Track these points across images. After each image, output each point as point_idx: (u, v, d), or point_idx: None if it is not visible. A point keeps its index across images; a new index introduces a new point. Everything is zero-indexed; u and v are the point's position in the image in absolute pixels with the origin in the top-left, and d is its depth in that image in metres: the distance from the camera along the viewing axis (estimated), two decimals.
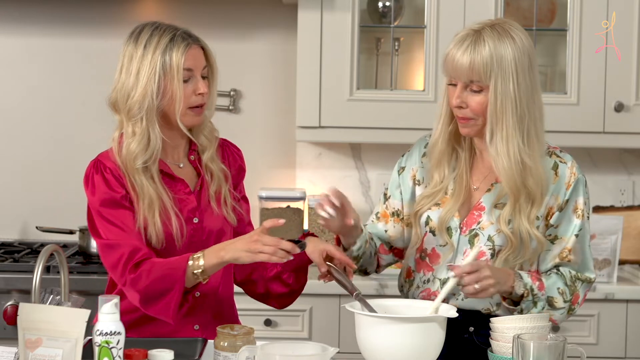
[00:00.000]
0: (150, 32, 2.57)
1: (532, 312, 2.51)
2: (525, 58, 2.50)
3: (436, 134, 2.61)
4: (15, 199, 4.12)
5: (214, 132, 2.70)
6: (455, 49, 2.50)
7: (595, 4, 3.76)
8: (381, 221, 2.72)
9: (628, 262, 3.91)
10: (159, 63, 2.54)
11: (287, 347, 2.18)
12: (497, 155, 2.50)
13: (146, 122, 2.56)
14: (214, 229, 2.64)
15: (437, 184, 2.61)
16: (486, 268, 2.42)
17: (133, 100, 2.57)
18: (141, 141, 2.57)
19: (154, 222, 2.55)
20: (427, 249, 2.62)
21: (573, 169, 2.59)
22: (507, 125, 2.48)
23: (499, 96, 2.47)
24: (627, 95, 3.79)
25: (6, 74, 4.10)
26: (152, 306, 2.48)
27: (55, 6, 4.07)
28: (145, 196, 2.55)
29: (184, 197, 2.62)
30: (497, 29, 2.50)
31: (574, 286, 2.58)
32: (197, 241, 2.61)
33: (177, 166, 2.66)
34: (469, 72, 2.48)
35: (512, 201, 2.52)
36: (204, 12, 4.04)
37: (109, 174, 2.58)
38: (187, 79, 2.57)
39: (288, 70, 4.07)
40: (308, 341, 2.88)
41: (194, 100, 2.58)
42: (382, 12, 3.89)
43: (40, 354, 2.14)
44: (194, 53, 2.57)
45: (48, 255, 2.32)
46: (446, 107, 2.58)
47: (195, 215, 2.62)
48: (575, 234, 2.58)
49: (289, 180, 4.12)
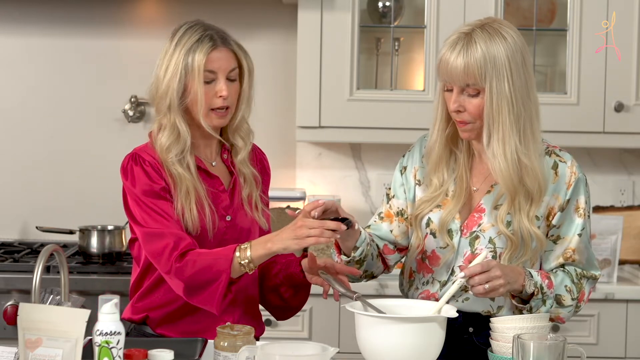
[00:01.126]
0: (184, 31, 2.60)
1: (541, 310, 2.50)
2: (518, 55, 2.49)
3: (433, 138, 2.60)
4: (15, 199, 4.12)
5: (250, 134, 2.71)
6: (448, 54, 2.48)
7: (595, 4, 3.76)
8: (385, 221, 2.71)
9: (628, 262, 3.91)
10: (182, 62, 2.56)
11: (287, 347, 2.18)
12: (493, 158, 2.50)
13: (173, 117, 2.58)
14: (245, 229, 2.66)
15: (436, 188, 2.60)
16: (496, 268, 2.41)
17: (159, 95, 2.60)
18: (171, 135, 2.59)
19: (190, 209, 2.56)
20: (427, 251, 2.62)
21: (573, 168, 2.58)
22: (503, 125, 2.47)
23: (495, 97, 2.46)
24: (627, 95, 3.79)
25: (6, 74, 4.10)
26: (196, 296, 2.49)
27: (55, 6, 4.07)
28: (183, 184, 2.57)
29: (219, 194, 2.64)
30: (487, 29, 2.49)
31: (580, 284, 2.58)
32: (229, 239, 2.61)
33: (210, 164, 2.67)
34: (464, 76, 2.46)
35: (509, 201, 2.52)
36: (204, 12, 4.03)
37: (148, 166, 2.59)
38: (209, 81, 2.57)
39: (288, 70, 4.07)
40: (308, 341, 2.88)
41: (215, 102, 2.58)
42: (382, 12, 3.89)
43: (40, 354, 2.14)
44: (219, 55, 2.58)
45: (48, 255, 2.31)
46: (441, 111, 2.57)
47: (228, 213, 2.64)
48: (578, 233, 2.57)
49: (289, 180, 4.12)
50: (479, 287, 2.40)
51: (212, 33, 2.59)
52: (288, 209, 3.92)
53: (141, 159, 2.60)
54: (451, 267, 2.58)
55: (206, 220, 2.58)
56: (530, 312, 2.50)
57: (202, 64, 2.55)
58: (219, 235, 2.61)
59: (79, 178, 4.11)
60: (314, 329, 3.63)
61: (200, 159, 2.64)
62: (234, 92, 2.62)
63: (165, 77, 2.57)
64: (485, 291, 2.40)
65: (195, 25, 2.62)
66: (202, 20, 2.66)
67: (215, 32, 2.61)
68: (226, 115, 2.62)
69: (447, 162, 2.60)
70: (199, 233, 2.58)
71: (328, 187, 4.11)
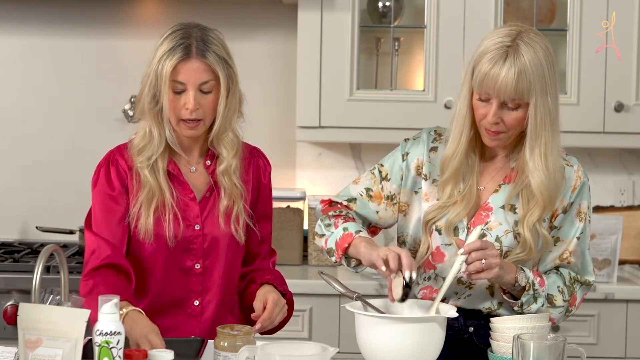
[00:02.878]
0: (167, 35, 2.57)
1: (532, 307, 2.50)
2: (553, 66, 2.47)
3: (453, 148, 2.54)
4: (15, 199, 4.12)
5: (236, 144, 2.63)
6: (497, 68, 2.41)
7: (595, 4, 3.76)
8: (374, 201, 2.66)
9: (628, 262, 3.91)
10: (154, 69, 2.55)
11: (287, 347, 2.18)
12: (535, 170, 2.48)
13: (147, 121, 2.58)
14: (219, 240, 2.64)
15: (450, 196, 2.56)
16: (493, 247, 2.42)
17: (137, 98, 2.61)
18: (144, 138, 2.59)
19: (147, 216, 2.57)
20: (432, 247, 2.60)
21: (579, 172, 2.58)
22: (546, 139, 2.46)
23: (540, 112, 2.44)
24: (627, 95, 3.79)
25: (6, 74, 4.10)
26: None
27: (55, 6, 4.07)
28: (146, 188, 2.57)
29: (188, 202, 2.62)
30: (527, 41, 2.44)
31: (572, 287, 2.58)
32: (198, 248, 2.62)
33: (189, 169, 2.65)
34: (513, 91, 2.41)
35: (542, 209, 2.50)
36: (204, 12, 4.03)
37: (114, 169, 2.61)
38: (179, 91, 2.54)
39: (288, 70, 4.07)
40: (308, 341, 2.88)
41: (183, 113, 2.55)
42: (382, 12, 3.89)
43: (40, 354, 2.14)
44: (189, 67, 2.53)
45: (48, 255, 2.31)
46: (468, 121, 2.51)
47: (197, 221, 2.62)
48: (577, 236, 2.57)
49: (289, 180, 4.12)
50: (476, 263, 2.39)
51: (188, 43, 2.54)
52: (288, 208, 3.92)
53: (114, 161, 2.62)
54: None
55: (165, 228, 2.58)
56: (522, 308, 2.50)
57: (169, 73, 2.52)
58: (184, 243, 2.61)
59: (79, 178, 4.10)
60: (314, 329, 3.63)
61: (177, 164, 2.63)
62: (205, 104, 2.56)
63: (143, 82, 2.59)
64: (482, 267, 2.39)
65: (179, 30, 2.57)
66: (193, 23, 2.61)
67: (195, 41, 2.54)
68: (197, 127, 2.57)
69: (464, 170, 2.56)
70: (155, 240, 2.58)
71: (328, 187, 4.11)
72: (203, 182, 2.65)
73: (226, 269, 2.65)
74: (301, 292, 3.54)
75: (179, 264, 2.62)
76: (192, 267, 2.63)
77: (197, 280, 2.63)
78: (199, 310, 2.64)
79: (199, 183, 2.65)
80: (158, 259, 2.61)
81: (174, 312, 2.64)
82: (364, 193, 2.67)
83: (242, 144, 2.67)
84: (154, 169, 2.59)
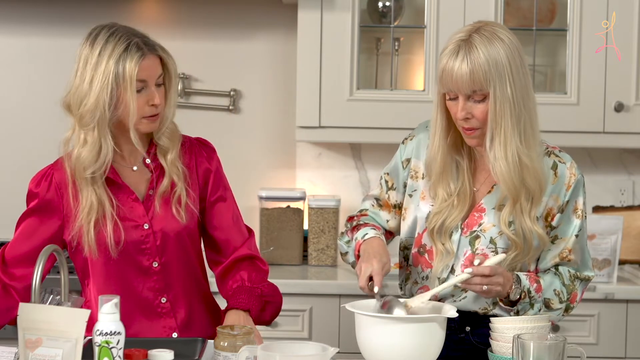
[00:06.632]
0: (105, 38, 2.53)
1: (529, 313, 2.52)
2: (516, 56, 2.48)
3: (434, 149, 2.57)
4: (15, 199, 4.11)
5: (176, 133, 2.65)
6: (451, 62, 2.45)
7: (595, 4, 3.76)
8: (384, 210, 2.72)
9: (628, 262, 3.91)
10: (112, 73, 2.50)
11: (287, 347, 2.18)
12: (495, 160, 2.49)
13: (98, 132, 2.54)
14: (170, 233, 2.63)
15: (444, 199, 2.57)
16: (500, 276, 2.44)
17: (86, 108, 2.53)
18: (92, 150, 2.55)
19: (87, 231, 2.57)
20: (426, 245, 2.62)
21: (572, 169, 2.58)
22: (505, 128, 2.47)
23: (498, 101, 2.45)
24: (627, 95, 3.79)
25: (6, 74, 4.10)
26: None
27: (55, 6, 4.07)
28: (86, 204, 2.56)
29: (131, 203, 2.62)
30: (484, 33, 2.47)
31: (572, 285, 2.59)
32: (151, 246, 2.62)
33: (131, 169, 2.64)
34: (470, 82, 2.44)
35: (512, 202, 2.51)
36: (203, 12, 4.04)
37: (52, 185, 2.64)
38: (140, 89, 2.53)
39: (288, 70, 4.07)
40: (308, 341, 2.88)
41: (147, 110, 2.55)
42: (382, 12, 3.89)
43: (40, 354, 2.14)
44: (148, 63, 2.53)
45: (48, 255, 2.31)
46: (441, 120, 2.55)
47: (145, 221, 2.62)
48: (575, 234, 2.58)
49: (289, 180, 4.12)
50: (476, 287, 2.42)
51: (137, 40, 2.53)
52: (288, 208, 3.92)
53: (51, 176, 2.64)
54: (451, 266, 2.58)
55: (107, 237, 2.57)
56: (517, 314, 2.52)
57: (135, 73, 2.50)
58: (136, 244, 2.60)
59: None
60: (314, 329, 3.63)
61: (115, 169, 2.61)
62: (162, 97, 2.58)
63: (93, 89, 2.51)
64: (481, 291, 2.43)
65: (116, 31, 2.55)
66: (116, 22, 2.60)
67: (140, 38, 2.55)
68: (156, 120, 2.58)
69: (450, 171, 2.57)
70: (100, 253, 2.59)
71: (328, 187, 4.11)
72: (145, 179, 2.65)
73: (185, 262, 2.66)
74: (301, 292, 3.54)
75: (136, 265, 2.62)
76: (150, 266, 2.63)
77: (158, 278, 2.64)
78: (169, 307, 2.65)
79: (141, 182, 2.64)
80: (111, 266, 2.61)
81: (147, 313, 2.64)
82: (375, 203, 2.73)
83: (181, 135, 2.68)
84: (93, 180, 2.57)
